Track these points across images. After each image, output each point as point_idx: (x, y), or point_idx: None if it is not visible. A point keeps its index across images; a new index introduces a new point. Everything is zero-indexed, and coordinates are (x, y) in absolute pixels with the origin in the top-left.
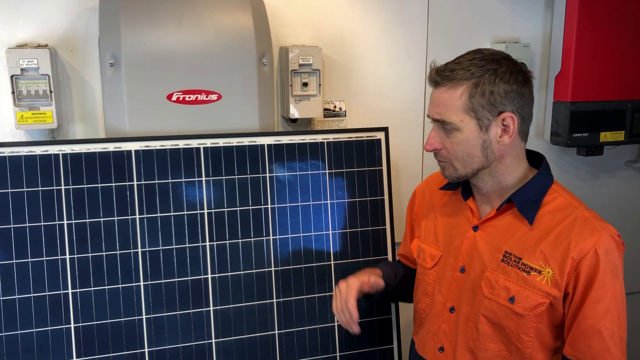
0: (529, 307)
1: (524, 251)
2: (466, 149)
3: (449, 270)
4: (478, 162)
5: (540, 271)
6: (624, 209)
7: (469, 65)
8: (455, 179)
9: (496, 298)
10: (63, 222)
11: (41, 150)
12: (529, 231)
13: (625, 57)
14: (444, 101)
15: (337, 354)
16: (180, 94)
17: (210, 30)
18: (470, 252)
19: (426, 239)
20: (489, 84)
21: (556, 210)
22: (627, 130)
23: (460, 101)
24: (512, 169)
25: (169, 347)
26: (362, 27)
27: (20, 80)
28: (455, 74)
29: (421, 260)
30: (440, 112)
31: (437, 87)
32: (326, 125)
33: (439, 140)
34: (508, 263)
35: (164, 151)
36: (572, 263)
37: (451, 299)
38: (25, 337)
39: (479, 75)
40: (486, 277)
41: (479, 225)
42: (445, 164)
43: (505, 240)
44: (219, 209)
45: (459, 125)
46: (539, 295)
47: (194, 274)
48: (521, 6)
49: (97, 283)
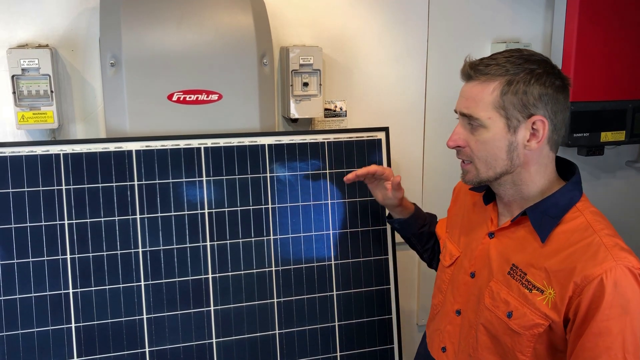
0: (526, 325)
1: (530, 267)
2: (491, 150)
3: (462, 273)
4: (502, 165)
5: (542, 291)
6: (625, 209)
7: (504, 62)
8: (477, 184)
9: (495, 310)
10: (64, 221)
11: (42, 150)
12: (540, 248)
13: (626, 57)
14: (474, 95)
15: (338, 353)
16: (181, 94)
17: (211, 30)
18: (482, 258)
19: (451, 236)
20: (523, 84)
21: (573, 230)
22: (627, 130)
23: (491, 97)
24: (536, 179)
25: (170, 346)
26: (363, 27)
27: (21, 80)
28: (490, 68)
29: (441, 257)
30: (469, 107)
31: (469, 81)
32: (327, 125)
33: (462, 137)
34: (513, 276)
35: (165, 151)
36: (575, 288)
37: (459, 301)
38: (26, 336)
39: (514, 73)
40: (490, 287)
41: (495, 232)
42: (467, 167)
43: (515, 253)
44: (220, 208)
45: (486, 122)
46: (537, 315)
47: (195, 274)
48: (522, 6)
49: (97, 283)
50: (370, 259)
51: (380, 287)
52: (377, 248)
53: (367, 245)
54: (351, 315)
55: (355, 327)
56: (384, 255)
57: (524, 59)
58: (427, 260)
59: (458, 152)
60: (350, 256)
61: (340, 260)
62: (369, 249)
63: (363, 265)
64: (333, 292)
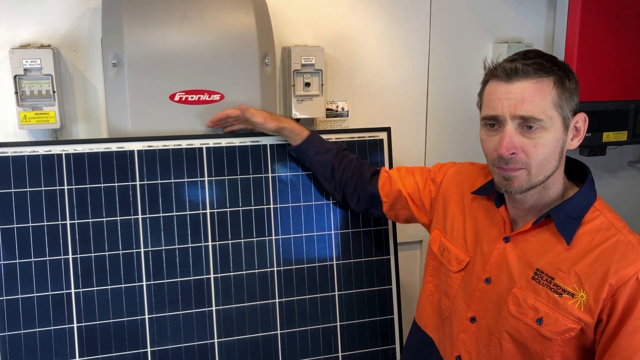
0: (558, 331)
1: (558, 271)
2: (548, 152)
3: (474, 279)
4: (552, 168)
5: (573, 294)
6: (627, 209)
7: (546, 59)
8: (525, 190)
9: (523, 317)
10: (66, 221)
11: (44, 150)
12: (565, 251)
13: (628, 57)
14: (531, 96)
15: (339, 354)
16: (182, 94)
17: (213, 31)
18: (499, 264)
19: (454, 240)
20: (567, 80)
21: (596, 230)
22: (629, 131)
23: (551, 95)
24: (558, 181)
25: (172, 347)
26: (365, 27)
27: (24, 80)
28: (542, 66)
29: (445, 261)
30: (528, 109)
31: (519, 81)
32: (328, 125)
33: (517, 143)
34: (539, 282)
35: (167, 151)
36: (610, 290)
37: (473, 309)
38: (28, 336)
39: (558, 67)
40: (514, 293)
41: (511, 237)
42: (518, 173)
43: (538, 257)
44: (222, 209)
45: (547, 123)
46: (569, 320)
47: (197, 274)
48: (523, 6)
49: (99, 283)
50: (372, 259)
51: (382, 288)
52: (379, 248)
53: (368, 245)
54: (353, 316)
55: (357, 327)
56: (386, 256)
57: (548, 56)
58: (330, 191)
59: (509, 160)
60: (352, 256)
61: (342, 260)
62: (371, 249)
63: (365, 265)
64: (335, 292)
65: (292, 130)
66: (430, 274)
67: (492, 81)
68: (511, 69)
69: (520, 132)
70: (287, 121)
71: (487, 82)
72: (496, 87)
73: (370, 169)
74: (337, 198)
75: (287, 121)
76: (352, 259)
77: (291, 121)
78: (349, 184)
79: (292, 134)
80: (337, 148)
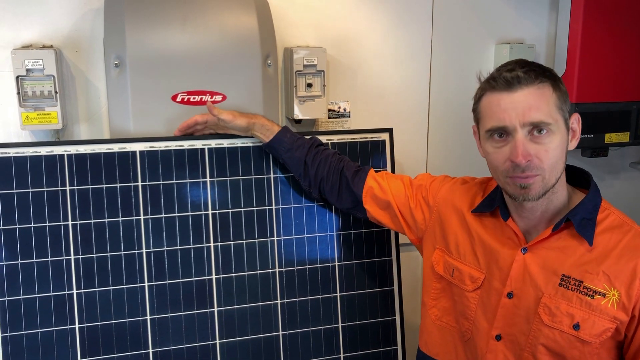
0: (596, 333)
1: (585, 273)
2: (557, 155)
3: (494, 295)
4: (560, 170)
5: (604, 294)
6: (629, 210)
7: (536, 66)
8: (542, 195)
9: (559, 326)
10: (68, 222)
11: (46, 151)
12: (588, 252)
13: (631, 58)
14: (536, 101)
15: (341, 355)
16: (185, 94)
17: (215, 32)
18: (520, 276)
19: (463, 259)
20: (560, 82)
21: (612, 228)
22: (632, 132)
23: (553, 99)
24: (563, 185)
25: (173, 347)
26: (367, 28)
27: (26, 80)
28: (538, 72)
29: (457, 281)
30: (536, 115)
31: (521, 89)
32: (330, 126)
33: (531, 150)
34: (567, 287)
35: (169, 152)
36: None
37: (498, 326)
38: (30, 337)
39: (551, 73)
40: (544, 303)
41: (529, 247)
42: (535, 180)
43: (562, 263)
44: (224, 209)
45: (554, 127)
46: (606, 320)
47: (199, 275)
48: (526, 7)
49: (101, 284)
50: (374, 260)
51: (384, 289)
52: (381, 249)
53: (370, 246)
54: (355, 317)
55: (358, 329)
56: (388, 257)
57: (535, 63)
58: (306, 188)
59: (525, 167)
60: (354, 257)
61: (344, 261)
62: (373, 250)
63: (366, 266)
64: (337, 294)
65: (263, 125)
66: (434, 298)
67: (491, 93)
68: (513, 77)
69: (530, 138)
70: (257, 117)
71: (482, 96)
72: (498, 98)
73: (351, 167)
74: (314, 195)
75: (257, 117)
76: (354, 260)
77: (261, 117)
78: (326, 181)
79: (262, 130)
80: (310, 143)
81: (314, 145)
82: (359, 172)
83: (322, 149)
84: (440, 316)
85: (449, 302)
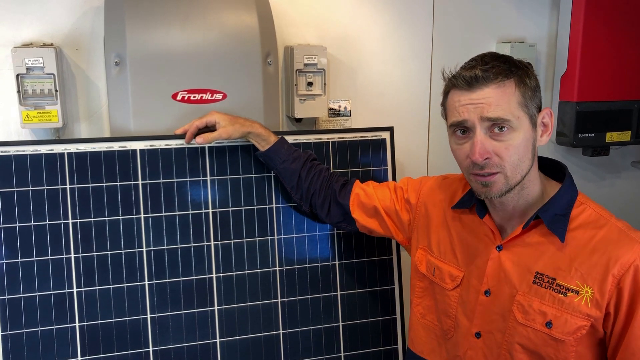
0: (569, 331)
1: (558, 271)
2: (520, 152)
3: (472, 293)
4: (527, 167)
5: (577, 291)
6: (630, 209)
7: (503, 61)
8: (505, 193)
9: (531, 324)
10: (68, 221)
11: (46, 149)
12: (561, 249)
13: (632, 57)
14: (495, 100)
15: (342, 354)
16: (185, 93)
17: (216, 30)
18: (496, 274)
19: (442, 257)
20: (528, 78)
21: (586, 224)
22: (633, 131)
23: (515, 96)
24: (535, 179)
25: (174, 346)
26: (367, 26)
27: (26, 79)
28: (501, 69)
29: (438, 280)
30: (495, 111)
31: (480, 88)
32: (331, 124)
33: (489, 147)
34: (541, 285)
35: (169, 150)
36: (613, 280)
37: (477, 324)
38: (30, 335)
39: (517, 68)
40: (518, 301)
41: (503, 244)
42: (494, 178)
43: (535, 260)
44: (224, 208)
45: (516, 124)
46: (578, 318)
47: (199, 274)
48: (527, 6)
49: (101, 282)
50: (375, 259)
51: (385, 288)
52: (381, 248)
53: (371, 245)
54: (355, 316)
55: (359, 328)
56: (388, 256)
57: (505, 57)
58: (297, 201)
59: (484, 165)
60: (354, 256)
61: (344, 260)
62: (373, 248)
63: (367, 265)
64: (337, 292)
65: (259, 135)
66: (419, 296)
67: (454, 90)
68: (471, 77)
69: (490, 135)
70: (253, 126)
71: (448, 93)
72: (459, 95)
73: (339, 180)
74: (304, 208)
75: (254, 126)
76: (354, 258)
77: (257, 126)
78: (318, 195)
79: (258, 139)
80: (306, 157)
81: (309, 159)
82: (346, 185)
83: (316, 164)
84: (424, 314)
85: (431, 300)
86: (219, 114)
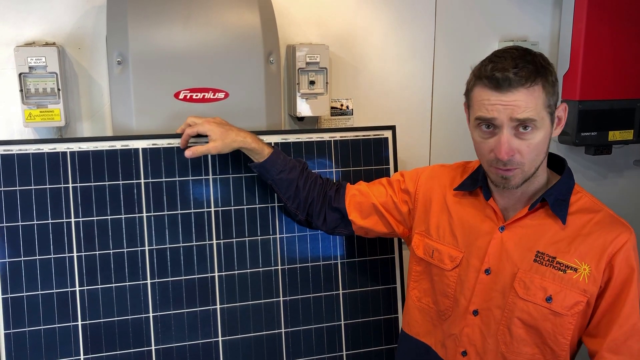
0: (568, 305)
1: (558, 250)
2: (539, 149)
3: (472, 272)
4: (541, 160)
5: (576, 269)
6: (632, 208)
7: (531, 61)
8: (521, 184)
9: (532, 299)
10: (70, 219)
11: (49, 148)
12: (561, 230)
13: (634, 56)
14: (525, 102)
15: (344, 352)
16: (187, 92)
17: (218, 29)
18: (498, 253)
19: (442, 239)
20: (550, 75)
21: (583, 209)
22: (635, 129)
23: (541, 99)
24: (544, 170)
25: (176, 345)
26: (370, 25)
27: (29, 78)
28: (530, 71)
29: (437, 262)
30: (524, 113)
31: (511, 91)
32: (333, 123)
33: (514, 146)
34: (541, 263)
35: (171, 149)
36: (608, 258)
37: (475, 301)
38: (33, 334)
39: (543, 68)
40: (519, 278)
41: (506, 225)
42: (513, 172)
43: (537, 240)
44: (226, 207)
45: (540, 124)
46: (576, 293)
47: (201, 272)
48: (529, 4)
49: (104, 281)
50: (377, 258)
51: (387, 286)
52: (383, 246)
53: (373, 243)
54: (357, 314)
55: (361, 326)
56: (390, 254)
57: (531, 56)
58: (293, 210)
59: (507, 162)
60: (356, 255)
61: (346, 259)
62: (375, 247)
63: (369, 264)
64: (339, 291)
65: (251, 150)
66: (415, 280)
67: (483, 87)
68: (503, 79)
69: (515, 134)
70: (244, 141)
71: (474, 86)
72: (489, 95)
73: (332, 187)
74: (300, 217)
75: (245, 140)
76: (356, 257)
77: (249, 140)
78: (315, 204)
79: (251, 153)
80: (302, 166)
81: (305, 168)
82: (339, 189)
83: (310, 172)
84: (420, 297)
85: (428, 283)
86: (210, 125)
